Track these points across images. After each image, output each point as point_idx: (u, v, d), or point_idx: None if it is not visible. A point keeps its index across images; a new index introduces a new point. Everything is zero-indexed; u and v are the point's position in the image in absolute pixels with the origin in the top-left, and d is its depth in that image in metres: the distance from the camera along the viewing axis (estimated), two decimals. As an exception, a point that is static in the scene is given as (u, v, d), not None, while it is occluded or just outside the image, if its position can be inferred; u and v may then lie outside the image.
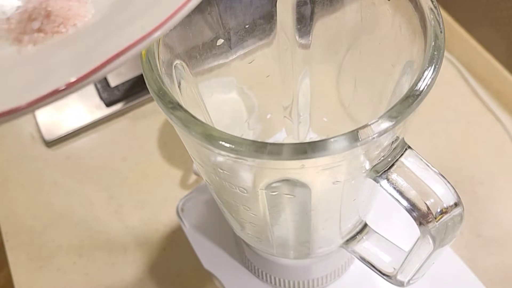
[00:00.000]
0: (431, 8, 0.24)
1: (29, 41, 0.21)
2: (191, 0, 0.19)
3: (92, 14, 0.21)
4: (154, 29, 0.18)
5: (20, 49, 0.21)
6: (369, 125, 0.21)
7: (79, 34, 0.20)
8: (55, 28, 0.21)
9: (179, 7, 0.18)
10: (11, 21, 0.21)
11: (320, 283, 0.40)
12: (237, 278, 0.41)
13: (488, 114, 0.53)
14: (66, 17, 0.21)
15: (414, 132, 0.51)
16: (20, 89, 0.18)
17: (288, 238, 0.33)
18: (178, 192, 0.50)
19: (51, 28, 0.21)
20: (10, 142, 0.55)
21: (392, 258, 0.32)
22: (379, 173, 0.24)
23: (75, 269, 0.46)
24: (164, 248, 0.47)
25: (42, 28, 0.21)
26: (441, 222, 0.24)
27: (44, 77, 0.19)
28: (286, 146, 0.21)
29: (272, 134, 0.39)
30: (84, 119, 0.55)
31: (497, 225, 0.46)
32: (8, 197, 0.51)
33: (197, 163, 0.28)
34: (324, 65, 0.35)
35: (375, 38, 0.30)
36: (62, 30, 0.21)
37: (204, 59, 0.30)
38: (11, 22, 0.21)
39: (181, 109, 0.22)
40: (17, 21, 0.21)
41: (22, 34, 0.21)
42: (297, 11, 0.31)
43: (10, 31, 0.21)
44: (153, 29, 0.18)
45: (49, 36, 0.21)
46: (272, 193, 0.27)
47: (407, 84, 0.26)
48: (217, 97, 0.33)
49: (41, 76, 0.19)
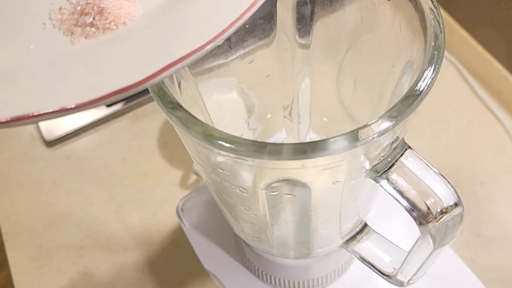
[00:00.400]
0: (431, 8, 0.24)
1: (81, 34, 0.21)
2: (247, 13, 0.20)
3: (141, 14, 0.22)
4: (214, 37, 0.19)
5: (73, 40, 0.21)
6: (369, 125, 0.21)
7: (130, 34, 0.21)
8: (106, 25, 0.21)
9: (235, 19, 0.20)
10: (63, 11, 0.22)
11: (320, 283, 0.40)
12: (237, 278, 0.41)
13: (488, 114, 0.53)
14: (118, 15, 0.21)
15: (414, 132, 0.51)
16: (81, 87, 0.19)
17: (288, 238, 0.33)
18: (178, 192, 0.50)
19: (102, 24, 0.21)
20: (10, 142, 0.55)
21: (392, 258, 0.32)
22: (379, 173, 0.24)
23: (75, 269, 0.46)
24: (164, 248, 0.47)
25: (94, 23, 0.21)
26: (441, 222, 0.24)
27: (104, 75, 0.19)
28: (286, 146, 0.21)
29: (272, 134, 0.39)
30: (84, 119, 0.55)
31: (497, 225, 0.46)
32: (8, 197, 0.51)
33: (197, 163, 0.28)
34: (324, 65, 0.35)
35: (375, 38, 0.30)
36: (113, 27, 0.21)
37: (204, 59, 0.30)
38: (63, 12, 0.22)
39: (181, 109, 0.22)
40: (69, 13, 0.22)
41: (74, 26, 0.22)
42: (297, 11, 0.31)
43: (63, 22, 0.22)
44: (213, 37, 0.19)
45: (100, 32, 0.21)
46: (272, 193, 0.27)
47: (407, 84, 0.26)
48: (217, 97, 0.33)
49: (101, 73, 0.19)
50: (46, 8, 0.23)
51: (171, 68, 0.19)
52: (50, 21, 0.22)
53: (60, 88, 0.19)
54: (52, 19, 0.22)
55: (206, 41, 0.19)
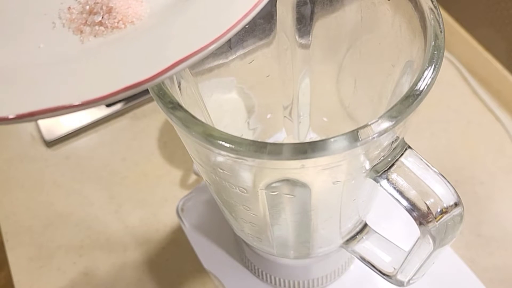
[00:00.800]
0: (431, 8, 0.24)
1: (90, 33, 0.22)
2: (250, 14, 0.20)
3: (148, 14, 0.22)
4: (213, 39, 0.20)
5: (83, 39, 0.22)
6: (369, 125, 0.21)
7: (138, 33, 0.21)
8: (115, 24, 0.22)
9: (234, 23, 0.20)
10: (72, 11, 0.22)
11: (320, 283, 0.40)
12: (237, 278, 0.41)
13: (488, 114, 0.53)
14: (126, 14, 0.22)
15: (414, 132, 0.51)
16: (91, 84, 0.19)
17: (288, 238, 0.33)
18: (178, 192, 0.50)
19: (111, 23, 0.22)
20: (10, 142, 0.55)
21: (392, 258, 0.32)
22: (379, 173, 0.24)
23: (75, 269, 0.46)
24: (164, 248, 0.47)
25: (103, 22, 0.22)
26: (441, 222, 0.24)
27: (113, 72, 0.20)
28: (286, 146, 0.21)
29: (272, 134, 0.39)
30: (84, 119, 0.55)
31: (497, 225, 0.46)
32: (8, 197, 0.51)
33: (197, 163, 0.28)
34: (324, 65, 0.35)
35: (375, 38, 0.30)
36: (121, 26, 0.22)
37: (204, 59, 0.30)
38: (72, 12, 0.22)
39: (181, 109, 0.22)
40: (78, 12, 0.22)
41: (83, 26, 0.22)
42: (297, 11, 0.31)
43: (72, 21, 0.22)
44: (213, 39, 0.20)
45: (109, 31, 0.22)
46: (272, 193, 0.27)
47: (407, 84, 0.26)
48: (217, 97, 0.33)
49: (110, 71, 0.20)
50: (55, 7, 0.23)
51: (178, 67, 0.19)
52: (60, 20, 0.22)
53: (69, 86, 0.19)
54: (61, 18, 0.23)
55: (211, 40, 0.20)
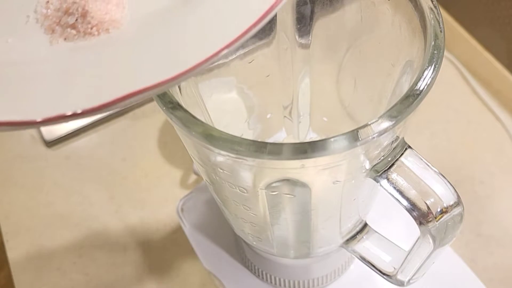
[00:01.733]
0: (431, 8, 0.24)
1: (61, 34, 0.20)
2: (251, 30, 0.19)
3: (128, 22, 0.20)
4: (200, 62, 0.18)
5: (52, 40, 0.20)
6: (369, 124, 0.21)
7: (111, 44, 0.20)
8: (88, 29, 0.20)
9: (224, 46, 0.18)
10: (49, 6, 0.21)
11: (320, 282, 0.40)
12: (237, 278, 0.41)
13: (488, 114, 0.53)
14: (102, 20, 0.20)
15: (414, 132, 0.51)
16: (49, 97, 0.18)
17: (288, 237, 0.33)
18: (178, 192, 0.50)
19: (84, 28, 0.20)
20: (10, 142, 0.55)
21: (392, 258, 0.32)
22: (379, 172, 0.24)
23: (75, 269, 0.46)
24: (164, 248, 0.47)
25: (75, 25, 0.20)
26: (441, 222, 0.24)
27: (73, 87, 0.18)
28: (286, 146, 0.21)
29: (272, 134, 0.39)
30: (84, 119, 0.55)
31: (497, 225, 0.46)
32: (8, 197, 0.51)
33: (197, 163, 0.28)
34: (324, 65, 0.35)
35: (375, 38, 0.30)
36: (94, 32, 0.20)
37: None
38: (49, 7, 0.21)
39: (181, 109, 0.22)
40: (55, 9, 0.21)
41: (56, 25, 0.21)
42: (297, 11, 0.31)
43: (46, 18, 0.21)
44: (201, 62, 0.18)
45: (81, 36, 0.20)
46: (272, 193, 0.27)
47: (407, 83, 0.26)
48: (217, 97, 0.33)
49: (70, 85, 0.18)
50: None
51: (132, 98, 0.17)
52: (34, 14, 0.21)
53: (26, 95, 0.18)
54: (36, 13, 0.21)
55: (187, 68, 0.18)
